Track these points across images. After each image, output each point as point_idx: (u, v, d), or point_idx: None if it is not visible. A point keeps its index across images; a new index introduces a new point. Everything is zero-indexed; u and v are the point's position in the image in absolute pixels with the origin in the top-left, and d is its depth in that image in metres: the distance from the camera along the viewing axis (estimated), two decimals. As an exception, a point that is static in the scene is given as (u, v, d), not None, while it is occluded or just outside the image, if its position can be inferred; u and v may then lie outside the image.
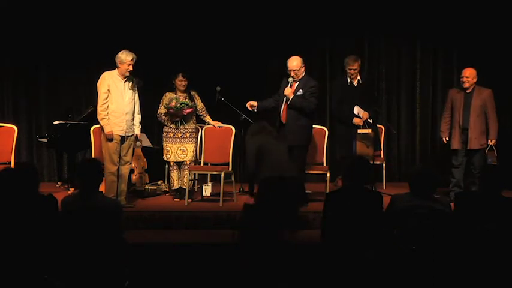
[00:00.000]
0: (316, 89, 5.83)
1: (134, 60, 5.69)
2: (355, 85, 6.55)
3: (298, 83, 5.82)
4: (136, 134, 5.96)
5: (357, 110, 6.41)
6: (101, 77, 5.74)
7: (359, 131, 6.26)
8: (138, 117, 5.94)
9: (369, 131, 6.28)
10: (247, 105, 6.01)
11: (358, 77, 6.56)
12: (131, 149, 5.93)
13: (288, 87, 5.78)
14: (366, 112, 6.36)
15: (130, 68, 5.70)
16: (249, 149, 5.94)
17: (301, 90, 5.76)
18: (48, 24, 7.55)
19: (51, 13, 7.51)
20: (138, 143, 6.53)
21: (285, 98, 5.80)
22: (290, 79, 5.79)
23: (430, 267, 3.57)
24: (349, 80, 6.56)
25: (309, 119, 5.87)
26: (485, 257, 3.60)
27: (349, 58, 6.53)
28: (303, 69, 5.80)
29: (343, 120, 6.56)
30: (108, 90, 5.68)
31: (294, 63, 5.76)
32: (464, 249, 3.64)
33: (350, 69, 6.49)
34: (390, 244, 3.68)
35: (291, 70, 5.77)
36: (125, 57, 5.67)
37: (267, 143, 5.13)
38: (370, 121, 6.41)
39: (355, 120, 6.39)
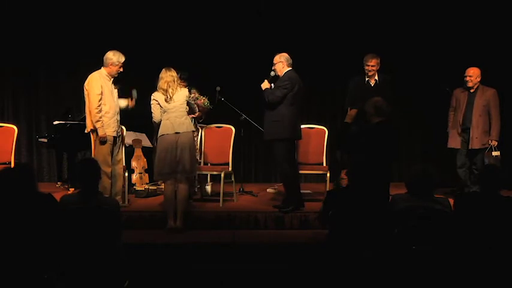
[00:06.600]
0: (284, 82, 5.57)
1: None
2: (372, 85, 6.34)
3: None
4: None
5: None
6: (91, 78, 5.60)
7: None
8: None
9: None
10: None
11: (376, 77, 6.33)
12: (122, 147, 5.95)
13: (266, 81, 5.72)
14: None
15: (121, 69, 5.65)
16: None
17: (272, 85, 5.72)
18: (48, 24, 7.55)
19: (51, 13, 7.52)
20: None
21: None
22: (272, 73, 5.74)
23: (429, 267, 3.56)
24: (366, 78, 6.36)
25: (284, 114, 5.57)
26: (485, 257, 3.60)
27: (367, 55, 6.32)
28: (282, 65, 5.67)
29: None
30: (102, 92, 5.59)
31: (276, 57, 5.71)
32: (464, 249, 3.63)
33: (367, 66, 6.27)
34: (390, 244, 3.67)
35: (273, 64, 5.75)
36: (118, 59, 5.59)
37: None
38: None
39: None
